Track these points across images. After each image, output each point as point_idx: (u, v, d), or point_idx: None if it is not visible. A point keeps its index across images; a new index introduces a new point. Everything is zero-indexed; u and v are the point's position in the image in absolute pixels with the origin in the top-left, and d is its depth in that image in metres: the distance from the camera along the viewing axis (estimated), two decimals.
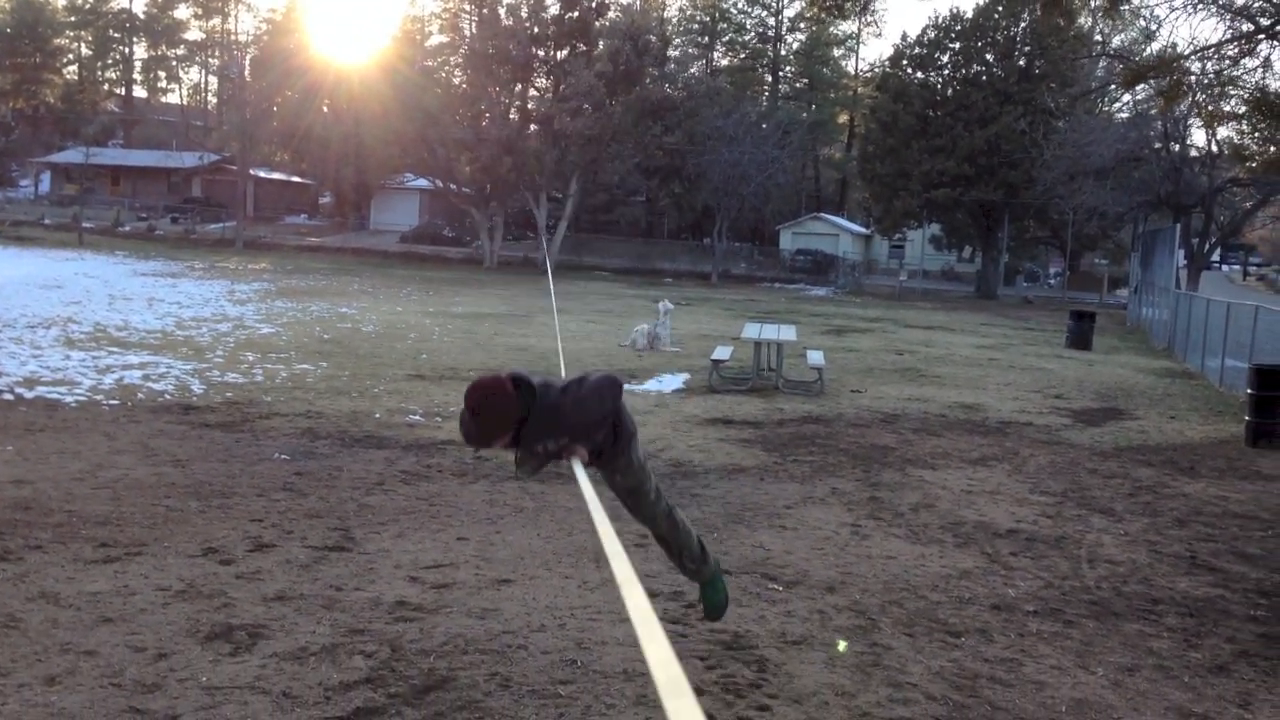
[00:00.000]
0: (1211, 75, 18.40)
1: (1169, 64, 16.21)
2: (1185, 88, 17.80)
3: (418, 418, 12.32)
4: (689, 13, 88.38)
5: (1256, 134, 21.60)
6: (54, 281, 28.90)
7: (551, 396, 4.34)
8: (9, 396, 12.06)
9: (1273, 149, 18.84)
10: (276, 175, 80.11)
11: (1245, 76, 18.98)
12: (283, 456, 9.85)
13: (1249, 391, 13.76)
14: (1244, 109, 21.86)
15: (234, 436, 10.63)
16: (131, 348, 16.86)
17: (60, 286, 27.48)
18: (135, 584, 6.21)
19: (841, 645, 5.22)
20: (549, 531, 7.79)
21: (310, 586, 6.36)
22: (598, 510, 3.24)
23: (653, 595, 6.45)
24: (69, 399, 12.17)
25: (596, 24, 58.35)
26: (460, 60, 60.07)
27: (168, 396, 12.78)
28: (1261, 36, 16.33)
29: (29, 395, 12.22)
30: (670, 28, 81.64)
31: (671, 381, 16.62)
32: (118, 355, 15.89)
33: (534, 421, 4.29)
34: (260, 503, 8.19)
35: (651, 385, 16.08)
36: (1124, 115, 51.44)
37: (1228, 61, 17.49)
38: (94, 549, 6.79)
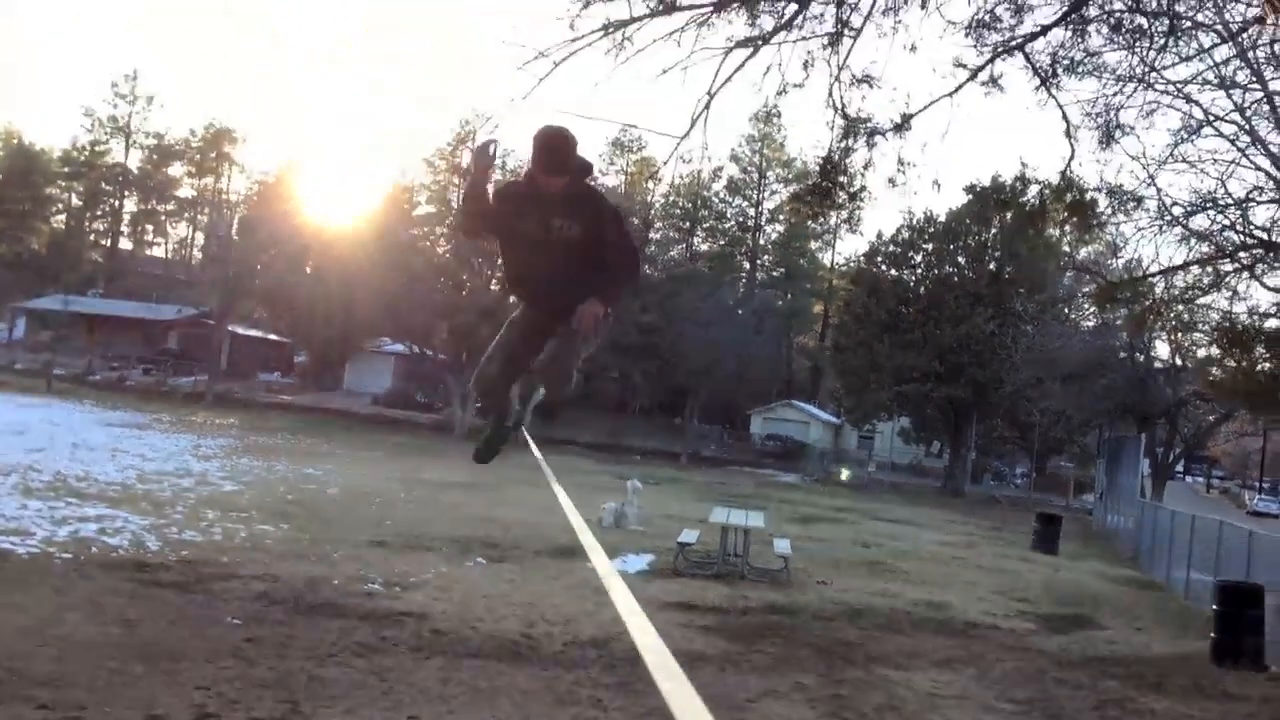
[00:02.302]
0: (1180, 292, 18.92)
1: (1138, 284, 16.72)
2: (1154, 313, 18.29)
3: (376, 586, 12.09)
4: (672, 198, 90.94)
5: (1221, 364, 22.12)
6: (18, 427, 28.58)
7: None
8: None
9: (1238, 377, 19.26)
10: (254, 332, 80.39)
11: (1212, 301, 19.57)
12: (235, 621, 9.61)
13: (1214, 608, 13.70)
14: (1210, 334, 22.44)
15: (187, 597, 10.38)
16: (90, 499, 16.60)
17: (23, 432, 27.18)
18: None
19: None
20: (505, 713, 7.58)
21: None
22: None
23: None
24: (21, 549, 11.90)
25: None
26: (445, 230, 61.32)
27: (122, 552, 12.52)
28: (1227, 259, 16.87)
29: None
30: (653, 211, 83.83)
31: (636, 562, 16.44)
32: (75, 506, 15.62)
33: (576, 195, 4.54)
34: (208, 669, 7.95)
35: (617, 564, 15.89)
36: (1090, 323, 52.74)
37: (1196, 286, 18.04)
38: (33, 710, 6.55)
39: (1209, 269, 17.23)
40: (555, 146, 4.43)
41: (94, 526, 13.98)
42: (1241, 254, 16.99)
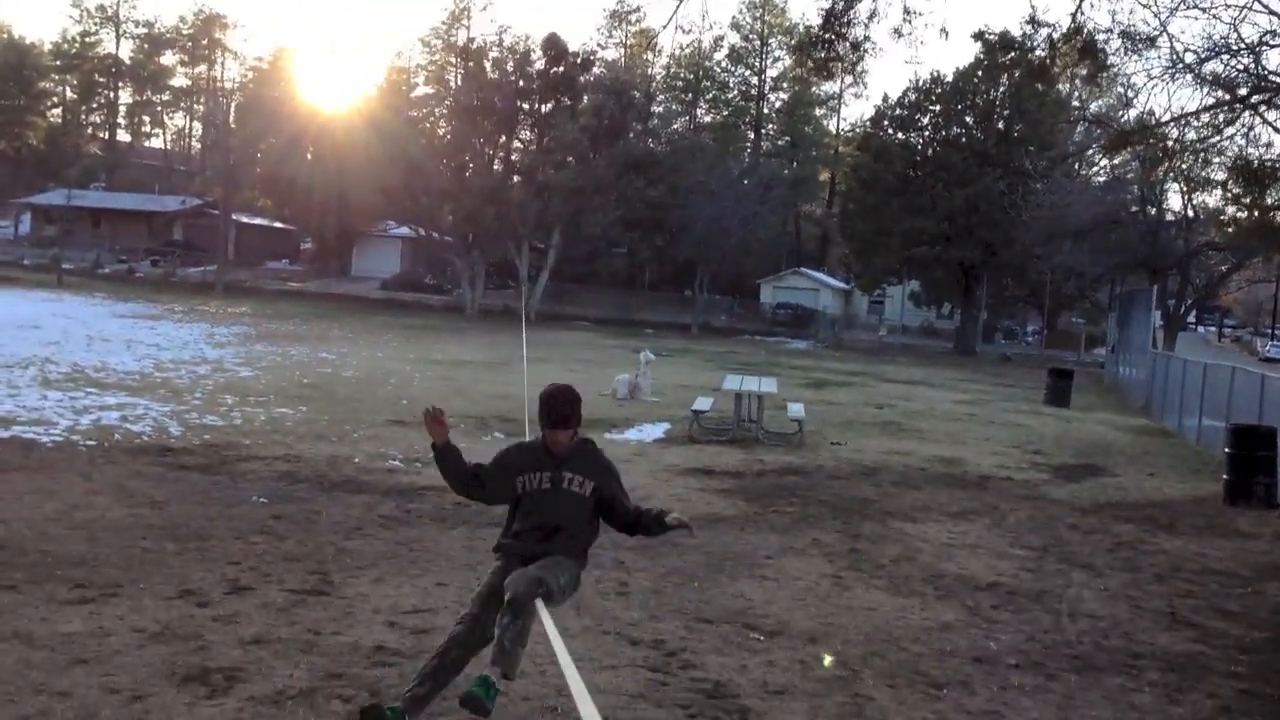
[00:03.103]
0: (1192, 141, 18.68)
1: (1151, 131, 16.46)
2: (1167, 154, 18.06)
3: (397, 463, 12.26)
4: (673, 70, 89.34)
5: (1237, 202, 21.89)
6: (32, 322, 28.73)
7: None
8: None
9: (1254, 215, 19.08)
10: (259, 220, 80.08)
11: (1226, 144, 19.28)
12: (260, 500, 9.77)
13: (1226, 450, 13.84)
14: (1224, 175, 22.18)
15: (211, 479, 10.55)
16: (109, 389, 16.76)
17: (38, 327, 27.32)
18: (110, 625, 6.12)
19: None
20: None
21: (288, 630, 6.28)
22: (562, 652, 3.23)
23: (633, 643, 6.42)
24: (45, 439, 12.07)
25: (581, 79, 58.92)
26: (445, 111, 60.48)
27: (145, 438, 12.69)
28: (1239, 104, 16.59)
29: (5, 435, 12.12)
30: (654, 84, 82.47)
31: (652, 431, 16.61)
32: (95, 396, 15.78)
33: (583, 451, 5.25)
34: (238, 545, 8.11)
35: (632, 435, 16.07)
36: (1101, 179, 52.17)
37: (1209, 130, 17.77)
38: (69, 590, 6.70)
39: (1222, 112, 16.95)
40: (568, 399, 5.19)
41: (115, 415, 14.14)
42: (1254, 97, 16.69)
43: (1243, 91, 17.21)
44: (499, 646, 4.54)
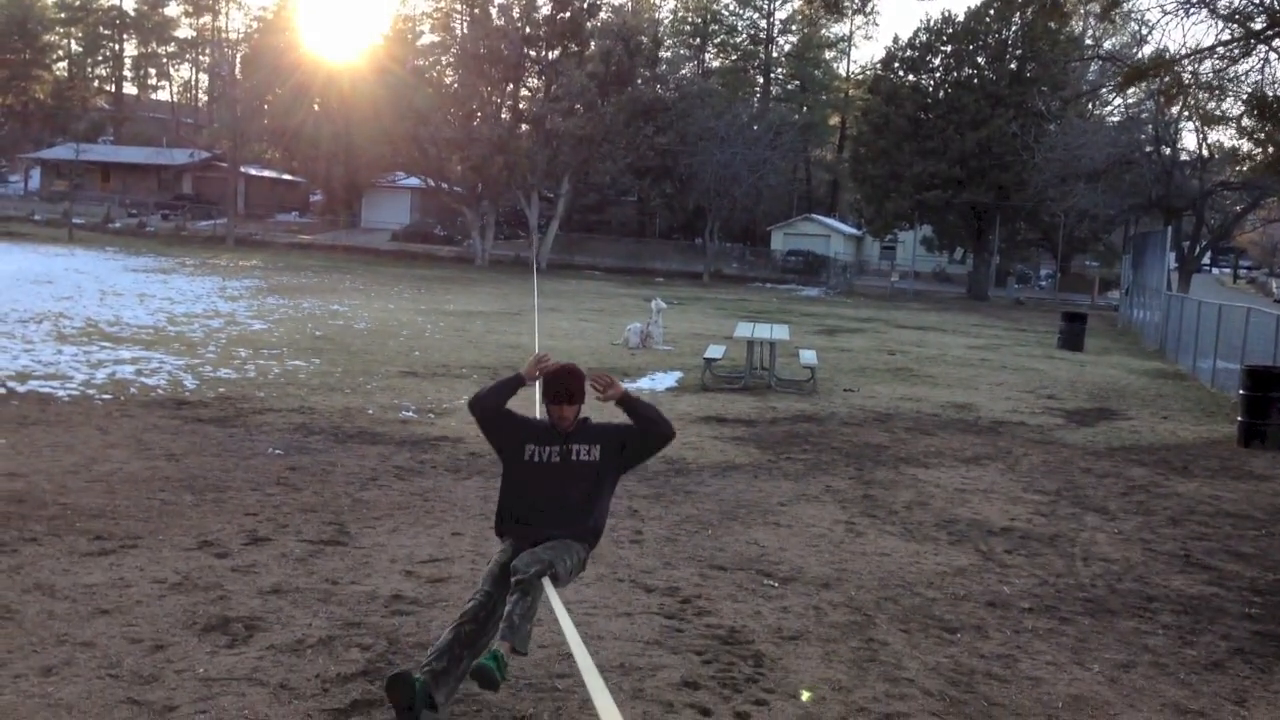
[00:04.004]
0: (1208, 76, 18.45)
1: (1167, 65, 16.25)
2: (1182, 88, 17.84)
3: (411, 414, 12.30)
4: (681, 14, 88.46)
5: (1253, 136, 21.68)
6: (45, 277, 28.79)
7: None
8: (1, 391, 12.02)
9: (1270, 150, 18.88)
10: (267, 173, 79.86)
11: (1242, 78, 19.03)
12: (276, 451, 9.83)
13: (1241, 392, 13.81)
14: (1240, 110, 21.94)
15: (227, 431, 10.60)
16: (123, 343, 16.81)
17: (51, 282, 27.38)
18: (131, 576, 6.19)
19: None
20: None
21: (306, 580, 6.34)
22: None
23: (648, 591, 6.47)
24: (62, 393, 12.13)
25: (588, 24, 58.34)
26: (452, 60, 59.98)
27: (160, 391, 12.74)
28: (1255, 40, 16.36)
29: (21, 389, 12.18)
30: (662, 29, 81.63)
31: (664, 380, 16.62)
32: (110, 350, 15.84)
33: (588, 426, 5.21)
34: (255, 497, 8.17)
35: (645, 383, 16.07)
36: (1115, 119, 51.61)
37: (1224, 62, 17.55)
38: (89, 541, 6.77)
39: (1237, 46, 16.72)
40: (575, 375, 5.14)
41: (130, 368, 14.20)
42: (1269, 31, 16.45)
43: (1258, 25, 16.96)
44: (508, 622, 4.59)
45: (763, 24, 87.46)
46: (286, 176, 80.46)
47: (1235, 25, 17.06)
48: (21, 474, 8.35)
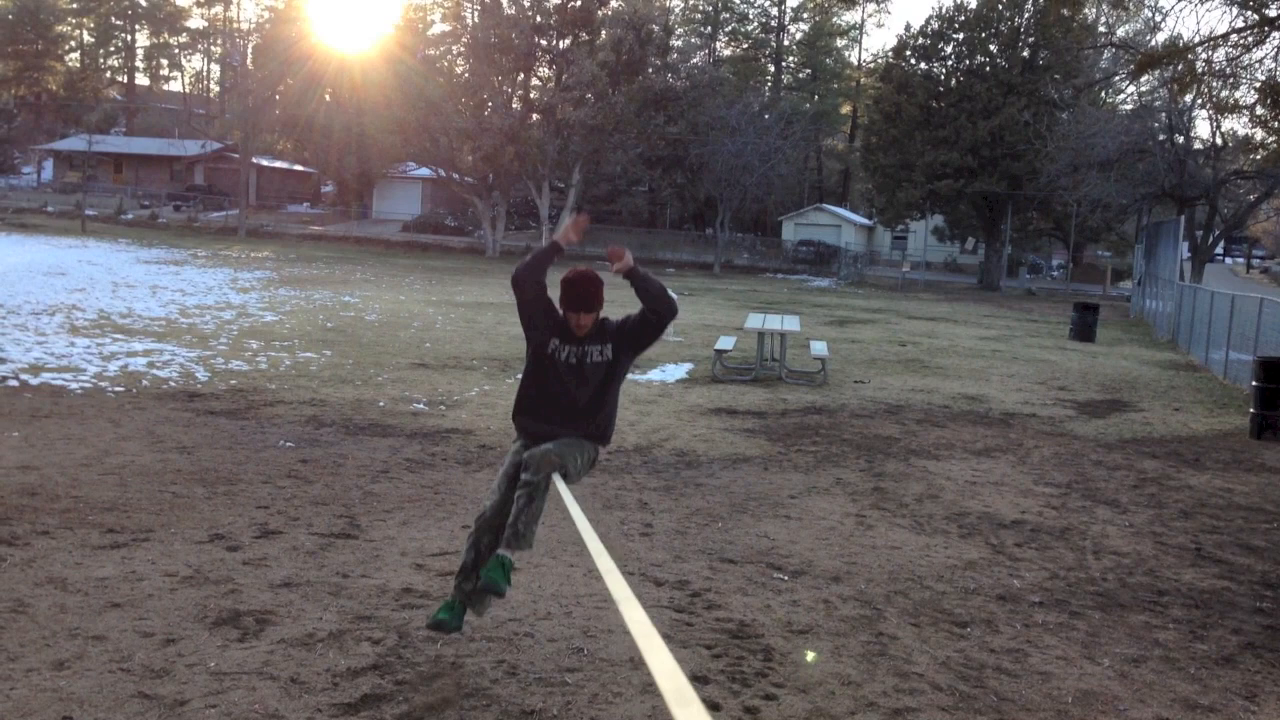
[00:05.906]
0: (1221, 64, 18.36)
1: (1180, 52, 16.17)
2: (1195, 76, 17.75)
3: (422, 406, 12.32)
4: (691, 2, 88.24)
5: (1267, 124, 21.55)
6: (58, 269, 28.90)
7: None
8: (14, 383, 12.07)
9: None
10: (279, 164, 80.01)
11: (1256, 66, 18.93)
12: (288, 444, 9.85)
13: (1254, 384, 13.75)
14: (1254, 98, 21.81)
15: (239, 424, 10.63)
16: (136, 335, 16.87)
17: (64, 274, 27.48)
18: (143, 569, 6.22)
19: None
20: (554, 520, 7.78)
21: (317, 573, 6.36)
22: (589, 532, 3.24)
23: (657, 584, 6.47)
24: (74, 385, 12.18)
25: (599, 13, 58.25)
26: (463, 49, 59.96)
27: (172, 384, 12.79)
28: (1269, 28, 16.27)
29: (34, 382, 12.23)
30: (673, 17, 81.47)
31: (675, 371, 16.62)
32: (122, 342, 15.89)
33: (604, 329, 5.30)
34: (266, 489, 8.20)
35: (655, 375, 16.08)
36: (1128, 107, 51.38)
37: (1238, 50, 17.45)
38: (101, 534, 6.80)
39: (1251, 34, 16.62)
40: (593, 281, 5.21)
41: (143, 361, 14.25)
42: None
43: (1272, 12, 16.87)
44: (513, 529, 4.82)
45: (774, 12, 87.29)
46: (298, 167, 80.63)
47: (1250, 12, 16.98)
48: (34, 466, 8.39)
